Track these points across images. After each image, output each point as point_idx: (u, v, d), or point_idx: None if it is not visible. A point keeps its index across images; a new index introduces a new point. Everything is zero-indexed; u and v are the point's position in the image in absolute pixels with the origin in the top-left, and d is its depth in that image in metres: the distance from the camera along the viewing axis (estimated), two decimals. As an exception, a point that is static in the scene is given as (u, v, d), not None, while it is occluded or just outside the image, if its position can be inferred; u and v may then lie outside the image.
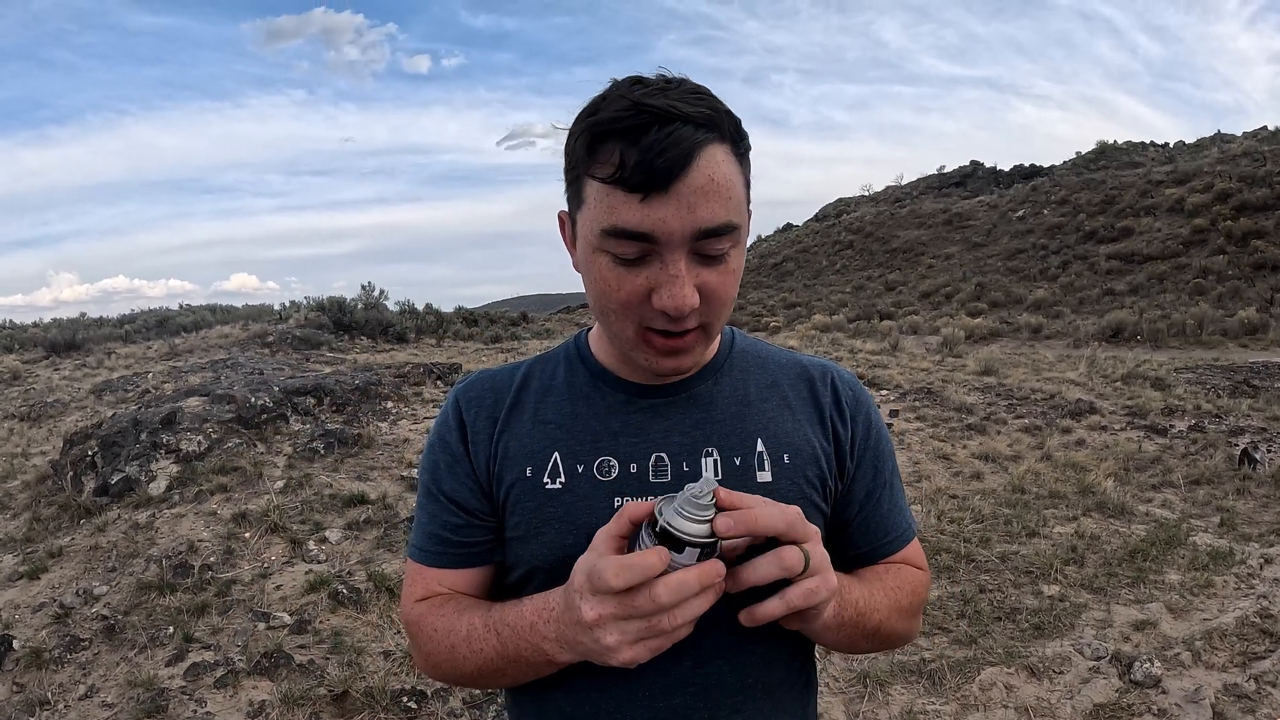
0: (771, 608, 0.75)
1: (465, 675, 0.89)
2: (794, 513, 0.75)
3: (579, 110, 0.80)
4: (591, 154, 0.77)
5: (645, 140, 0.72)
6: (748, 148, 0.82)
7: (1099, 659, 3.41)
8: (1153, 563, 4.40)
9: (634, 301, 0.80)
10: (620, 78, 0.80)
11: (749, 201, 0.84)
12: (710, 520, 0.71)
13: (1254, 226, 28.89)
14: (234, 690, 3.15)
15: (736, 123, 0.79)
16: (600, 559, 0.72)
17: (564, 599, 0.77)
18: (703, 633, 0.86)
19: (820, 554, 0.76)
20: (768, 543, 0.75)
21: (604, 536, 0.75)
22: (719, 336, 1.01)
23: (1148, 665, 3.27)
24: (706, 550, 0.72)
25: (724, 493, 0.73)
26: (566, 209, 0.87)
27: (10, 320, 21.68)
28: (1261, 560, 4.36)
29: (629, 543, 0.75)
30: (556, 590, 0.80)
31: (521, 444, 0.93)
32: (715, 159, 0.75)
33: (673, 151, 0.73)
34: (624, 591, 0.70)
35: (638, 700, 0.88)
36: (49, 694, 3.18)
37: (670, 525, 0.71)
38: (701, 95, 0.77)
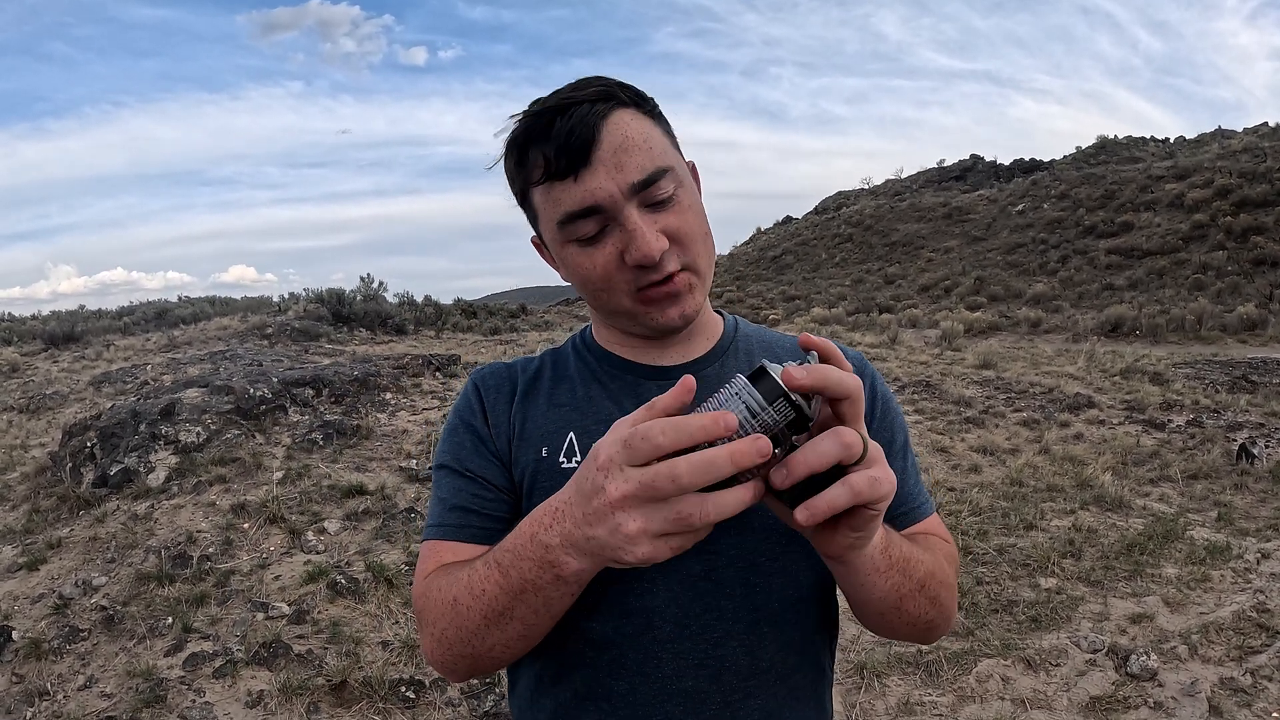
0: (835, 494, 0.65)
1: (473, 633, 0.81)
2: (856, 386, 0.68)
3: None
4: (522, 166, 0.86)
5: (554, 131, 0.81)
6: (654, 107, 0.88)
7: (1096, 652, 3.42)
8: (1150, 556, 4.41)
9: (612, 269, 0.85)
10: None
11: (679, 149, 0.91)
12: (766, 406, 0.62)
13: (1254, 222, 28.86)
14: (232, 680, 3.16)
15: (633, 90, 0.86)
16: (646, 421, 0.64)
17: (578, 486, 0.69)
18: (717, 614, 0.87)
19: (876, 446, 0.68)
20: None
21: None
22: (724, 320, 1.03)
23: (1144, 658, 3.27)
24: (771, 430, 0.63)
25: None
26: (535, 234, 0.95)
27: (9, 313, 21.65)
28: (1258, 555, 4.37)
29: None
30: (562, 490, 0.73)
31: (537, 426, 0.94)
32: (622, 121, 0.83)
33: (580, 128, 0.80)
34: (648, 467, 0.62)
35: (650, 682, 0.87)
36: (48, 684, 3.19)
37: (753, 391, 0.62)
38: (590, 80, 0.85)
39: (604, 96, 0.83)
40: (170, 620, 3.57)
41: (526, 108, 0.86)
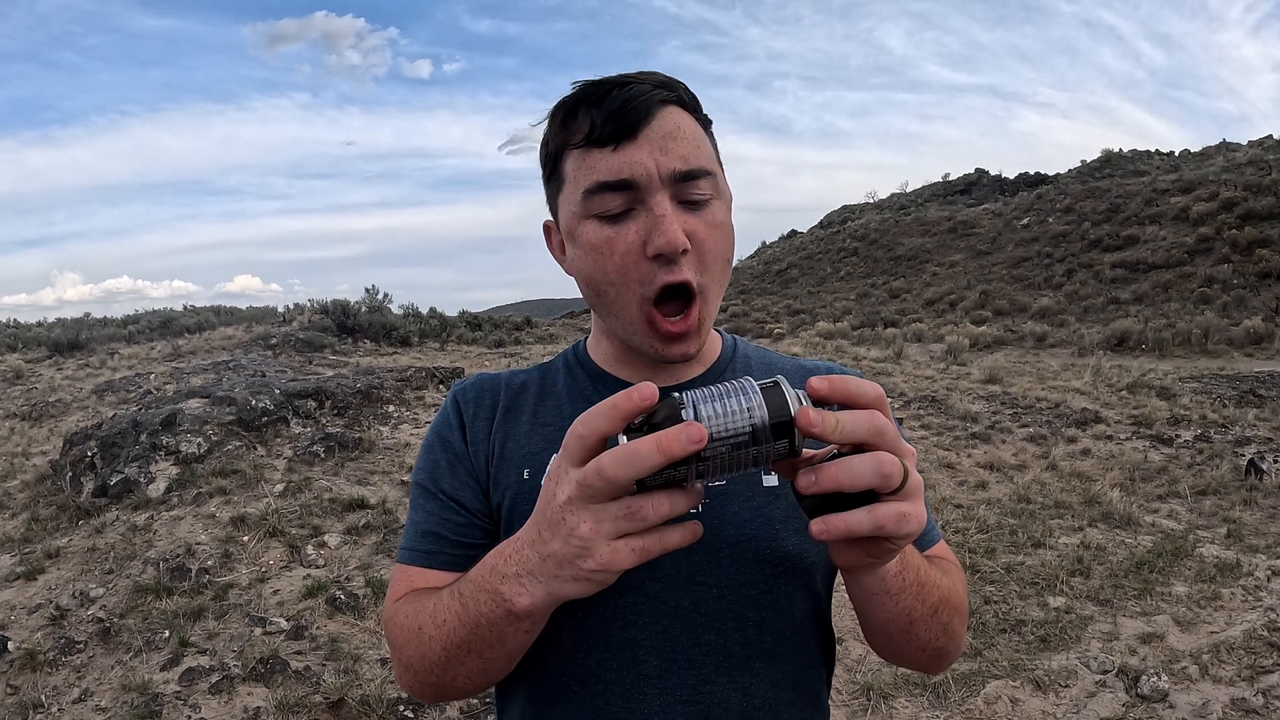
0: (856, 520, 0.61)
1: (435, 664, 0.79)
2: (891, 422, 0.65)
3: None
4: (565, 127, 0.83)
5: (608, 100, 0.79)
6: (708, 120, 0.87)
7: (1105, 672, 3.36)
8: (1159, 574, 4.36)
9: (629, 261, 0.80)
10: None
11: (723, 171, 0.87)
12: (756, 407, 0.59)
13: (1259, 235, 28.81)
14: (229, 696, 3.11)
15: (694, 95, 0.85)
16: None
17: (538, 503, 0.67)
18: (706, 649, 0.83)
19: (917, 478, 0.65)
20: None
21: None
22: (722, 340, 1.00)
23: (1155, 679, 3.22)
24: (752, 434, 0.59)
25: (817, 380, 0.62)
26: (550, 218, 0.91)
27: (14, 319, 21.71)
28: (1269, 572, 4.31)
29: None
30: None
31: (519, 445, 0.90)
32: (678, 114, 0.82)
33: (636, 102, 0.78)
34: (585, 465, 0.61)
35: (635, 719, 0.84)
36: (43, 696, 3.15)
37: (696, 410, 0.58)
38: (655, 72, 0.84)
39: (666, 86, 0.82)
40: (167, 634, 3.53)
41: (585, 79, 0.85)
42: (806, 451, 0.63)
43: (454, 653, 0.77)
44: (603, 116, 0.79)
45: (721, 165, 0.88)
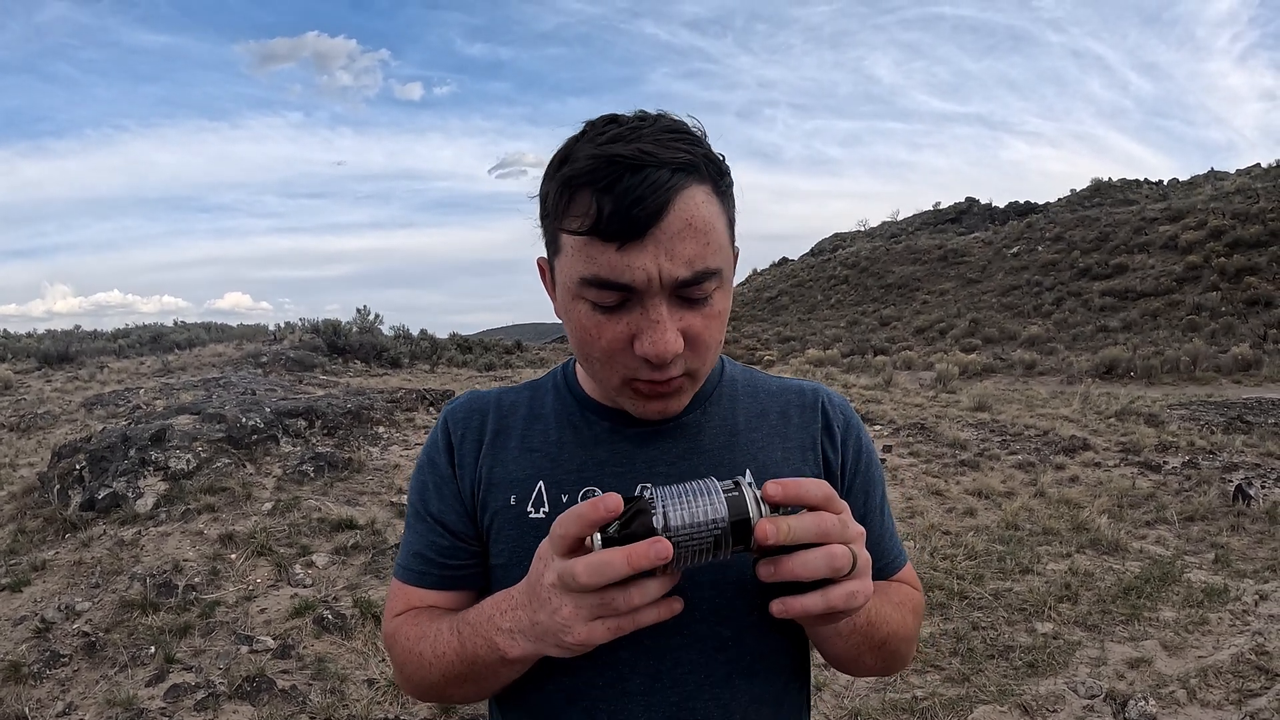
0: (811, 603, 0.70)
1: (434, 685, 0.87)
2: (842, 505, 0.71)
3: (553, 153, 0.79)
4: (565, 205, 0.75)
5: (619, 188, 0.71)
6: (729, 184, 0.80)
7: (1093, 697, 3.37)
8: (1147, 600, 4.37)
9: (616, 349, 0.79)
10: (596, 117, 0.79)
11: (734, 240, 0.83)
12: (721, 519, 0.66)
13: (1247, 263, 29.12)
14: (214, 714, 3.09)
15: (716, 161, 0.78)
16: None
17: (529, 571, 0.74)
18: (688, 668, 0.85)
19: (865, 558, 0.72)
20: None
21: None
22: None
23: (1143, 704, 3.23)
24: (715, 540, 0.66)
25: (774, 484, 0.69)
26: (545, 255, 0.86)
27: (4, 330, 21.63)
28: (1256, 597, 4.33)
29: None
30: (524, 579, 0.77)
31: (507, 471, 0.91)
32: (694, 201, 0.74)
33: (649, 198, 0.71)
34: (565, 561, 0.68)
35: None
36: (26, 710, 3.13)
37: (662, 519, 0.65)
38: (678, 135, 0.75)
39: (686, 167, 0.73)
40: (153, 650, 3.51)
41: (598, 127, 0.76)
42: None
43: (452, 679, 0.85)
44: (610, 209, 0.71)
45: (734, 224, 0.83)
